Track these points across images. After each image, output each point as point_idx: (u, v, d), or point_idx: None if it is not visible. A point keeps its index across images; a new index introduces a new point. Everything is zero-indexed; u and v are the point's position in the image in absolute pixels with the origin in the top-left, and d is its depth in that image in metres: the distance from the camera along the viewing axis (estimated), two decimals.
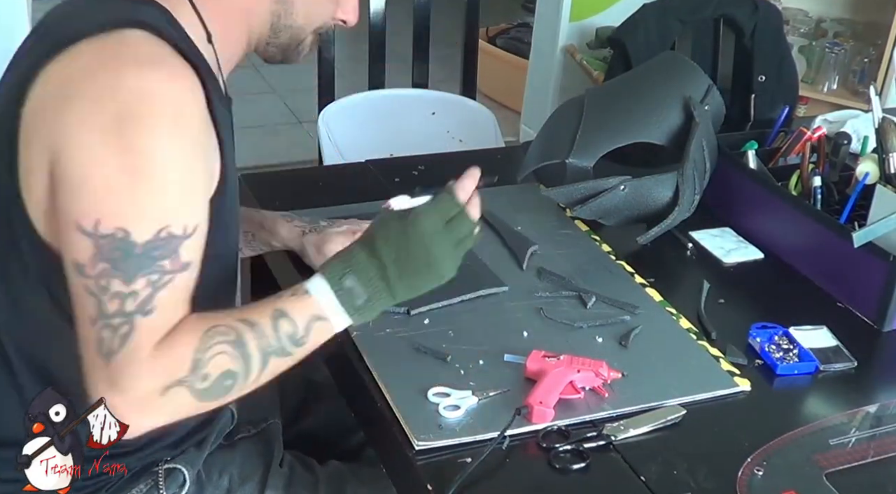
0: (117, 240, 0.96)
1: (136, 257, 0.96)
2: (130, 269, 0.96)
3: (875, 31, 3.41)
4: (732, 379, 1.26)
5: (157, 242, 0.97)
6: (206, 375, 1.00)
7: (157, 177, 0.97)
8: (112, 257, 0.96)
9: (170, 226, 0.98)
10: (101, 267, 0.96)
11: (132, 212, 0.97)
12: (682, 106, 1.59)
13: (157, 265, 0.98)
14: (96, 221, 0.96)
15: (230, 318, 1.02)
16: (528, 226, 1.58)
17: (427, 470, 1.09)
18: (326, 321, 1.06)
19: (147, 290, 0.97)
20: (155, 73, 0.98)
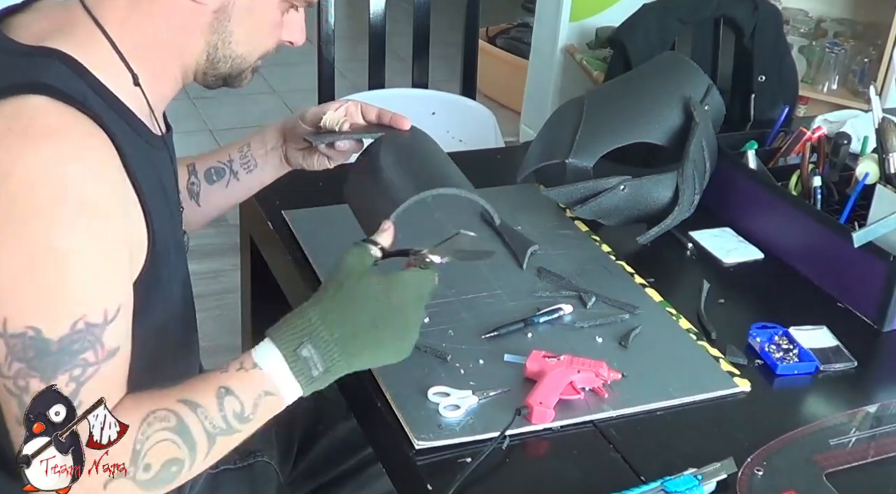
0: (28, 338, 0.90)
1: (54, 354, 0.90)
2: (48, 368, 0.90)
3: (875, 31, 3.41)
4: (732, 379, 1.26)
5: (74, 335, 0.91)
6: (147, 465, 0.94)
7: (64, 268, 0.90)
8: (26, 357, 0.90)
9: (86, 315, 0.91)
10: (17, 368, 0.90)
11: (40, 309, 0.90)
12: (682, 106, 1.59)
13: (79, 359, 0.92)
14: (3, 320, 0.90)
15: (170, 400, 0.96)
16: (528, 226, 1.58)
17: (427, 470, 1.09)
18: (276, 396, 0.99)
19: (71, 386, 0.92)
20: (54, 149, 0.90)
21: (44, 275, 0.90)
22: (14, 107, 0.92)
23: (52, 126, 0.92)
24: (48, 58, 0.96)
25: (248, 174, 1.36)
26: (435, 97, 2.48)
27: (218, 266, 2.78)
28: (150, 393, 0.97)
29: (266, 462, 1.32)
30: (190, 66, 1.07)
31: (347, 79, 2.95)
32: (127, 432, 0.93)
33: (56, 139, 0.91)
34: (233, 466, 1.29)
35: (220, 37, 1.05)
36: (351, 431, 1.42)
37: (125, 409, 0.95)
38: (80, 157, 0.92)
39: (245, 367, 0.98)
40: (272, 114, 4.11)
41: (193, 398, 0.96)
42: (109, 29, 1.01)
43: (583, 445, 1.16)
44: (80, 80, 0.97)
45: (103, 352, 0.94)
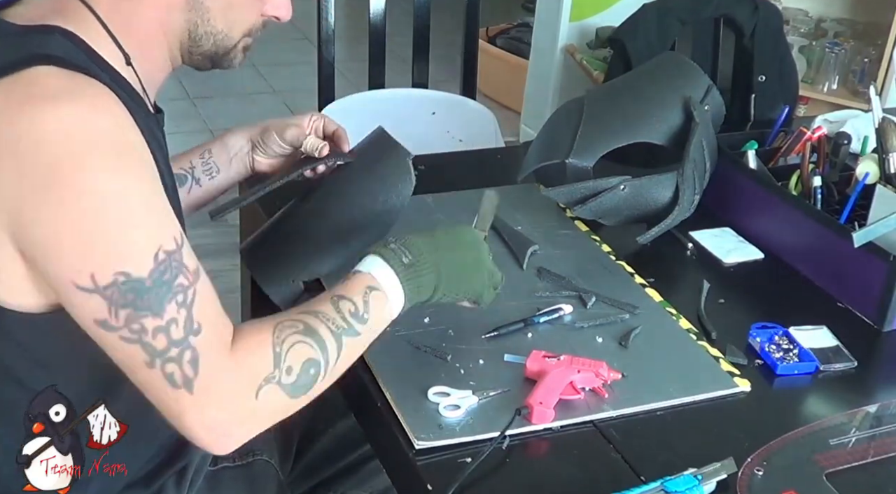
0: (121, 284, 0.92)
1: (152, 289, 0.93)
2: (153, 303, 0.93)
3: (875, 31, 3.41)
4: (732, 379, 1.26)
5: (160, 267, 0.94)
6: (289, 368, 0.99)
7: (124, 208, 0.93)
8: (128, 301, 0.93)
9: (161, 245, 0.95)
10: (125, 315, 0.93)
11: (120, 253, 0.93)
12: (682, 106, 1.59)
13: (176, 285, 0.95)
14: (91, 276, 0.92)
15: (292, 314, 1.03)
16: (528, 225, 1.58)
17: (427, 470, 1.09)
18: (379, 290, 1.08)
19: (182, 312, 0.95)
20: (73, 108, 0.93)
21: (108, 221, 0.93)
22: (26, 79, 0.94)
23: (68, 88, 0.94)
24: (48, 33, 0.98)
25: (211, 180, 1.38)
26: (435, 97, 2.48)
27: (218, 266, 2.77)
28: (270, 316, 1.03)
29: (266, 461, 1.32)
30: (175, 45, 1.09)
31: (347, 79, 2.95)
32: (263, 340, 0.99)
33: (76, 97, 0.94)
34: (232, 464, 1.29)
35: (197, 14, 1.07)
36: (350, 428, 1.42)
37: (252, 327, 1.01)
38: (104, 109, 0.95)
39: (349, 277, 1.09)
40: (272, 115, 4.07)
41: (312, 307, 1.05)
42: (100, 11, 1.03)
43: (583, 445, 1.16)
44: (82, 53, 0.99)
45: (191, 274, 0.97)
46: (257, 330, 1.00)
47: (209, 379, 0.95)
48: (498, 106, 3.77)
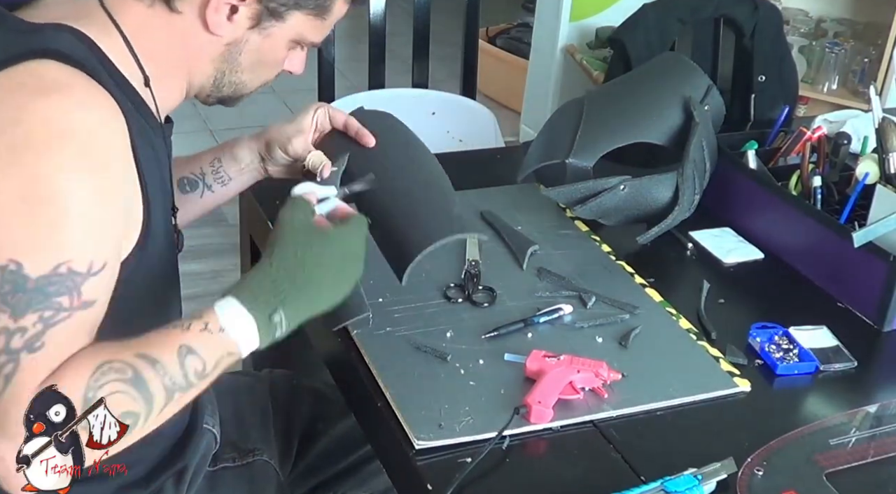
0: (8, 271, 0.89)
1: (28, 291, 0.90)
2: (20, 305, 0.90)
3: (875, 31, 3.41)
4: (732, 379, 1.26)
5: (53, 277, 0.91)
6: None
7: (58, 206, 0.91)
8: (1, 291, 0.89)
9: (71, 261, 0.91)
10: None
11: (26, 244, 0.90)
12: (682, 106, 1.59)
13: (53, 301, 0.91)
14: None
15: (127, 353, 0.94)
16: (528, 225, 1.58)
17: (427, 470, 1.09)
18: (236, 354, 0.99)
19: (37, 327, 0.91)
20: (63, 100, 0.92)
21: (37, 212, 0.90)
22: (25, 69, 0.94)
23: (62, 81, 0.94)
24: (58, 30, 0.98)
25: (224, 186, 1.37)
26: (435, 97, 2.48)
27: (218, 266, 2.78)
28: (107, 345, 0.95)
29: (265, 461, 1.32)
30: (195, 86, 1.11)
31: (347, 79, 2.95)
32: (77, 383, 0.91)
33: (66, 91, 0.93)
34: (231, 464, 1.29)
35: (229, 65, 1.10)
36: (350, 429, 1.42)
37: (79, 358, 0.93)
38: (88, 107, 0.94)
39: (210, 329, 0.97)
40: (272, 115, 4.09)
41: (152, 353, 0.94)
42: (125, 29, 1.03)
43: (583, 445, 1.16)
44: (90, 52, 0.99)
45: (79, 301, 0.93)
46: (79, 364, 0.92)
47: (9, 402, 0.91)
48: (498, 106, 3.77)
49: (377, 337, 1.28)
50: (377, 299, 1.35)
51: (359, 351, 1.26)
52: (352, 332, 1.28)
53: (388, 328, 1.30)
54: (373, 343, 1.27)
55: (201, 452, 1.23)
